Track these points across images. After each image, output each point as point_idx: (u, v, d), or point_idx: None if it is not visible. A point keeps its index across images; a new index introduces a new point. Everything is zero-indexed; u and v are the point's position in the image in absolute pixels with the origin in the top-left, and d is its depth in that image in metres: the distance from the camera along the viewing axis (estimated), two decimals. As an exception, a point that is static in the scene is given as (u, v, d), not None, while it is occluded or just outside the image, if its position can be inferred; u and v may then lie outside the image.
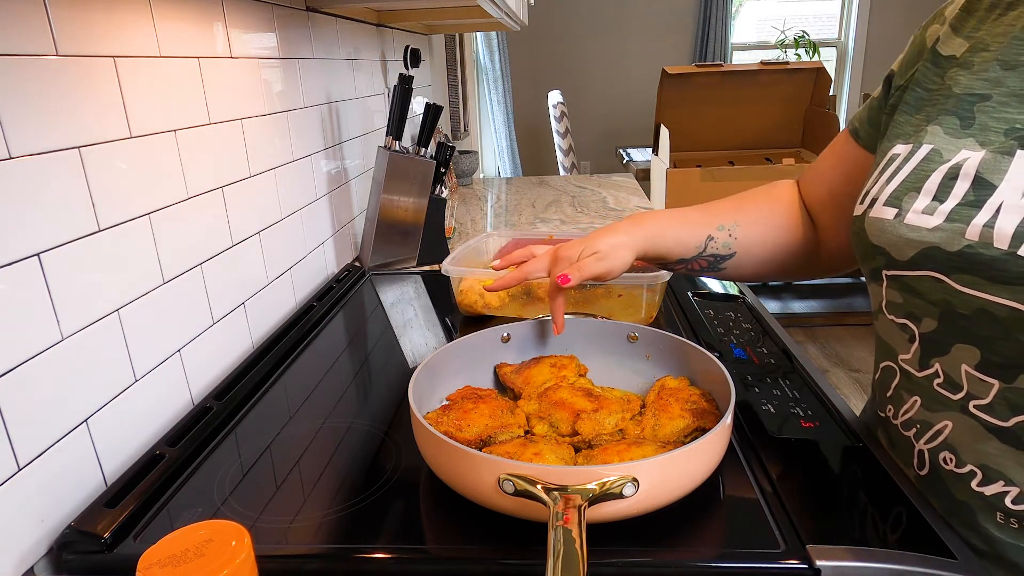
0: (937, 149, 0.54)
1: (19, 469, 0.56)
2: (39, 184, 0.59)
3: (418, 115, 1.85)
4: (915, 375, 0.57)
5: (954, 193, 0.51)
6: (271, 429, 0.76)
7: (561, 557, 0.45)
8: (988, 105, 0.53)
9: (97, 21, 0.66)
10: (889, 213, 0.56)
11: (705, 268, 0.77)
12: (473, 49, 3.67)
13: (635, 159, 3.74)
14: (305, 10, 1.18)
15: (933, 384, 0.55)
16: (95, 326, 0.65)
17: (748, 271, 0.78)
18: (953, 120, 0.55)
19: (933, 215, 0.52)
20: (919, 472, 0.59)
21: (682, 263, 0.76)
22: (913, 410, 0.58)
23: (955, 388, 0.53)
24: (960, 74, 0.56)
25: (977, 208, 0.49)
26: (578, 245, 0.72)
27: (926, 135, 0.56)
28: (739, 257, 0.76)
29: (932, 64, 0.59)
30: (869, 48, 5.00)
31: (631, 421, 0.69)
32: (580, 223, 1.75)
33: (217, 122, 0.88)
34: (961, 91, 0.55)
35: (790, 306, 3.61)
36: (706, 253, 0.75)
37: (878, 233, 0.57)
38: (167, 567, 0.39)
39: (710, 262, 0.76)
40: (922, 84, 0.60)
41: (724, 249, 0.75)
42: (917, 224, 0.53)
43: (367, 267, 1.35)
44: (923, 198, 0.53)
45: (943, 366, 0.54)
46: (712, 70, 3.12)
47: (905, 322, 0.57)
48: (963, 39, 0.58)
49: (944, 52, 0.59)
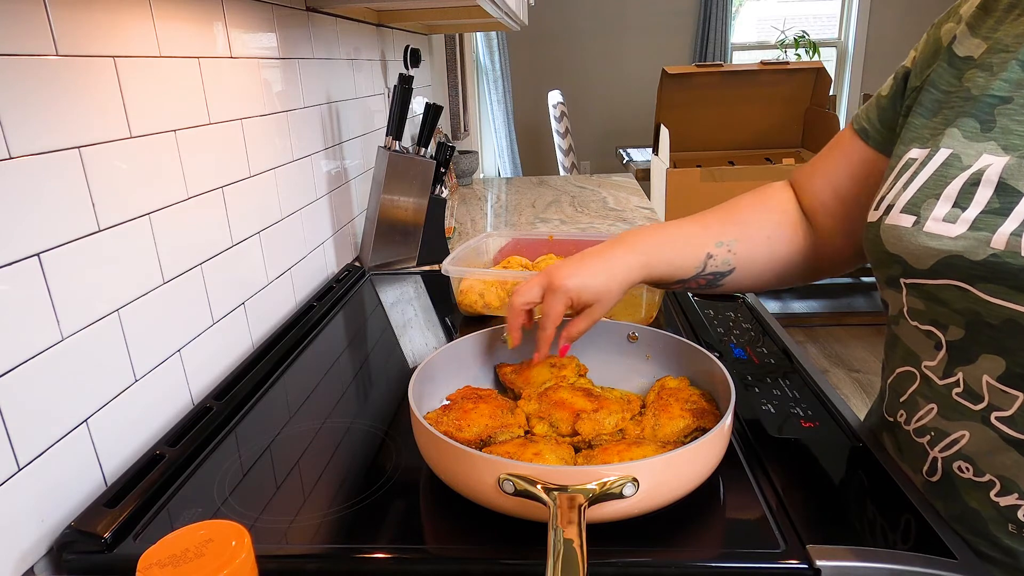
0: (956, 154, 0.53)
1: (19, 469, 0.56)
2: (39, 184, 0.59)
3: (418, 115, 1.85)
4: (936, 383, 0.56)
5: (976, 200, 0.50)
6: (271, 429, 0.76)
7: (561, 557, 0.45)
8: (1009, 108, 0.51)
9: (97, 21, 0.66)
10: (907, 221, 0.54)
11: (703, 286, 0.74)
12: (473, 49, 3.67)
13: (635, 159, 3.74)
14: (305, 10, 1.18)
15: (952, 393, 0.54)
16: (95, 326, 0.65)
17: (747, 284, 0.75)
18: (972, 123, 0.53)
19: (956, 223, 0.50)
20: (928, 478, 0.58)
21: (680, 283, 0.74)
22: (928, 417, 0.57)
23: (975, 398, 0.52)
24: (979, 76, 0.54)
25: (1004, 216, 0.48)
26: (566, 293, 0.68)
27: (943, 139, 0.54)
28: (738, 272, 0.73)
29: (948, 65, 0.58)
30: (869, 48, 5.00)
31: (631, 421, 0.69)
32: (580, 223, 1.75)
33: (217, 122, 0.88)
34: (980, 93, 0.53)
35: (790, 306, 3.61)
36: (705, 272, 0.73)
37: (895, 241, 0.55)
38: (167, 567, 0.39)
39: (708, 280, 0.73)
40: (937, 85, 0.58)
41: (724, 266, 0.72)
42: (938, 232, 0.51)
43: (367, 267, 1.35)
44: (943, 205, 0.52)
45: (965, 375, 0.53)
46: (712, 70, 3.12)
47: (931, 329, 0.55)
48: (980, 39, 0.56)
49: (960, 53, 0.57)
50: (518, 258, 1.15)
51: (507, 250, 1.22)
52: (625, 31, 5.06)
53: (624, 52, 5.12)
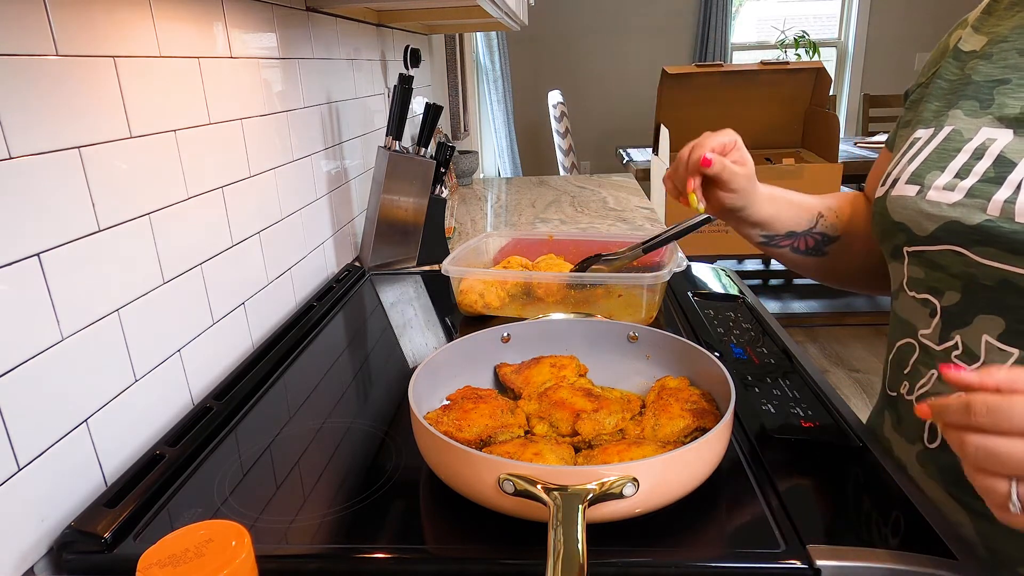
0: (957, 129, 0.57)
1: (19, 469, 0.56)
2: (39, 184, 0.59)
3: (418, 115, 1.85)
4: (934, 349, 0.58)
5: (975, 171, 0.54)
6: (271, 429, 0.76)
7: (561, 557, 0.45)
8: (1007, 88, 0.56)
9: (97, 21, 0.66)
10: (911, 190, 0.58)
11: (811, 248, 0.77)
12: (473, 49, 3.67)
13: (635, 159, 3.73)
14: (305, 10, 1.18)
15: (951, 356, 0.57)
16: (95, 326, 0.65)
17: (853, 265, 0.78)
18: (973, 104, 0.58)
19: (954, 191, 0.54)
20: (928, 445, 0.59)
21: (791, 237, 0.76)
22: (929, 384, 0.59)
23: (972, 359, 0.55)
24: (980, 64, 0.59)
25: (998, 184, 0.52)
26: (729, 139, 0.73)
27: (947, 118, 0.59)
28: (843, 243, 0.76)
29: (954, 59, 0.63)
30: (869, 48, 5.00)
31: (631, 421, 0.69)
32: (580, 223, 1.75)
33: (217, 122, 0.88)
34: (981, 78, 0.58)
35: (790, 306, 3.61)
36: (817, 229, 0.76)
37: (900, 209, 0.59)
38: (167, 567, 0.39)
39: (817, 241, 0.76)
40: (943, 77, 0.63)
41: (832, 230, 0.76)
42: (937, 200, 0.55)
43: (367, 267, 1.35)
44: (945, 175, 0.56)
45: (963, 338, 0.55)
46: (712, 70, 3.12)
47: (927, 297, 0.59)
48: (983, 35, 0.61)
49: (965, 48, 0.62)
50: (518, 258, 1.15)
51: (507, 250, 1.22)
52: (625, 31, 5.07)
53: (624, 52, 5.12)
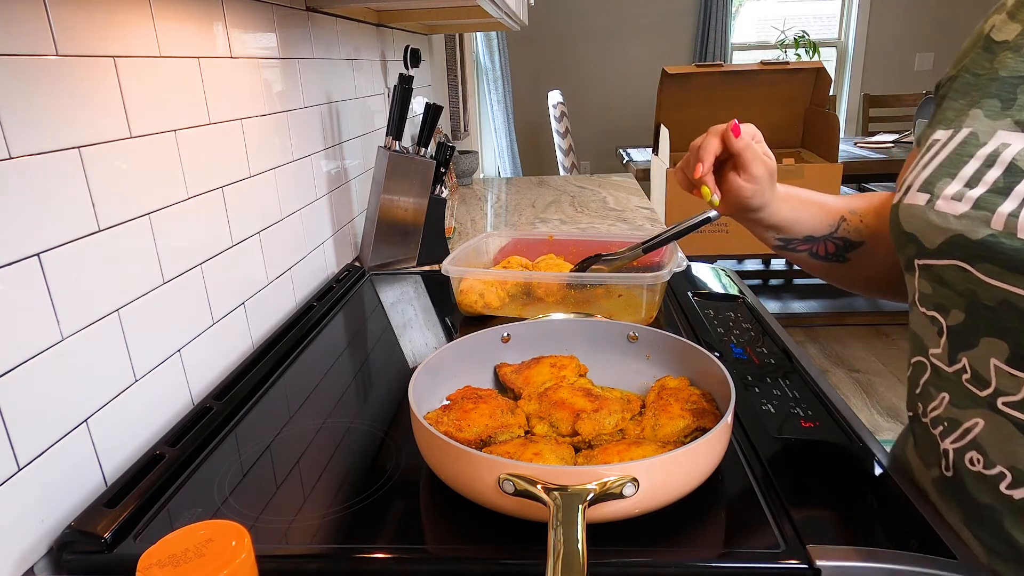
0: (975, 132, 0.53)
1: (19, 469, 0.56)
2: (39, 184, 0.59)
3: (418, 115, 1.85)
4: (944, 370, 0.55)
5: (984, 180, 0.50)
6: (271, 429, 0.76)
7: (561, 557, 0.45)
8: None
9: (97, 21, 0.66)
10: (921, 199, 0.54)
11: (831, 254, 0.74)
12: (473, 49, 3.67)
13: (635, 159, 3.73)
14: (305, 10, 1.18)
15: (962, 380, 0.53)
16: (95, 326, 0.65)
17: (877, 272, 0.74)
18: (995, 103, 0.53)
19: (961, 201, 0.50)
20: (944, 473, 0.57)
21: (809, 242, 0.73)
22: (941, 407, 0.56)
23: (983, 384, 0.51)
24: (1009, 57, 0.54)
25: (1004, 196, 0.48)
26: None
27: (967, 119, 0.54)
28: (867, 249, 0.73)
29: (984, 50, 0.58)
30: (869, 48, 5.00)
31: (631, 421, 0.69)
32: (580, 223, 1.75)
33: (217, 122, 0.88)
34: (1007, 74, 0.53)
35: (790, 306, 3.61)
36: (838, 233, 0.73)
37: (909, 219, 0.56)
38: (167, 567, 0.39)
39: (838, 246, 0.73)
40: (971, 70, 0.58)
41: (855, 235, 0.73)
42: (945, 211, 0.51)
43: (367, 267, 1.35)
44: (955, 184, 0.52)
45: (971, 361, 0.52)
46: (712, 70, 3.12)
47: (934, 314, 0.55)
48: (1018, 23, 0.55)
49: (997, 38, 0.57)
50: (518, 258, 1.15)
51: (507, 250, 1.22)
52: (625, 31, 5.07)
53: (624, 52, 5.12)
